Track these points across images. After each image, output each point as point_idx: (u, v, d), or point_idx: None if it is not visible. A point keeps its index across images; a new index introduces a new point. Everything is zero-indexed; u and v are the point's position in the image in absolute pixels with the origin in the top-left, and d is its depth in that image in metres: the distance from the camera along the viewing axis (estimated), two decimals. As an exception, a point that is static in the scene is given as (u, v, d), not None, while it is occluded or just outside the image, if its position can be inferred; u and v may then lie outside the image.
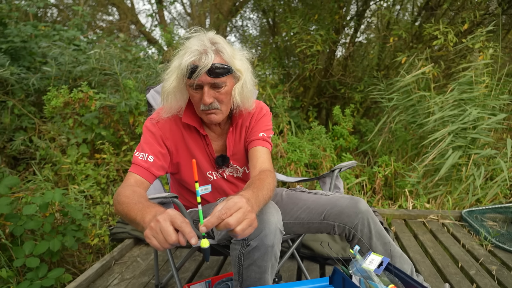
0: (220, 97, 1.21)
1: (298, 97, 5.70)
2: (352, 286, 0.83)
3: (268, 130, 1.39)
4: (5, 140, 3.24)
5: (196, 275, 1.97)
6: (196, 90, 1.20)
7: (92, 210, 2.55)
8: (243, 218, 0.86)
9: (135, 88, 3.28)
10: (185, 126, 1.34)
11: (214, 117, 1.24)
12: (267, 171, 1.21)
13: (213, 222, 0.84)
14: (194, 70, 1.14)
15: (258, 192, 1.01)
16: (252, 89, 1.29)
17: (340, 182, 1.63)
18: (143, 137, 1.31)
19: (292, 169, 3.17)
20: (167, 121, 1.32)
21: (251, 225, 0.87)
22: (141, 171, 1.23)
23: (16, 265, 1.89)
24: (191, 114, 1.32)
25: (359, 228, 1.26)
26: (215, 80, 1.17)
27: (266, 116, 1.41)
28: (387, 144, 4.20)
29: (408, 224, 2.57)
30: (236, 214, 0.85)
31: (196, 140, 1.35)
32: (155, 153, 1.27)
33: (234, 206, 0.86)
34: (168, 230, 0.82)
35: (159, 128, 1.30)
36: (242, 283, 1.13)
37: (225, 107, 1.26)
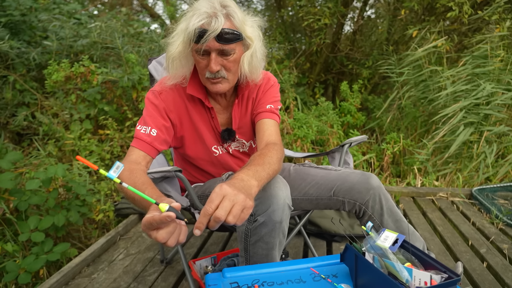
0: (227, 65, 1.14)
1: (304, 73, 5.58)
2: (366, 264, 0.78)
3: (276, 102, 1.32)
4: (8, 115, 3.20)
5: (201, 251, 1.95)
6: (203, 56, 1.12)
7: (97, 186, 2.53)
8: (232, 204, 0.78)
9: (137, 63, 3.20)
10: (189, 98, 1.27)
11: (219, 87, 1.17)
12: (270, 145, 1.14)
13: (203, 221, 0.76)
14: (202, 34, 1.05)
15: (258, 168, 0.94)
16: (261, 59, 1.21)
17: (350, 157, 1.57)
18: (146, 109, 1.24)
19: (298, 145, 3.11)
20: (170, 92, 1.26)
21: (245, 207, 0.80)
22: (144, 145, 1.18)
23: (21, 239, 1.89)
24: (196, 85, 1.25)
25: (370, 205, 1.22)
26: (224, 46, 1.09)
27: (273, 87, 1.34)
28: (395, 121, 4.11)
29: (417, 201, 2.53)
30: (223, 204, 0.77)
31: (201, 113, 1.29)
32: (159, 127, 1.21)
33: (217, 197, 0.78)
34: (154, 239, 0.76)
35: (162, 100, 1.24)
36: (249, 259, 1.09)
37: (232, 77, 1.18)
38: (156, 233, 0.73)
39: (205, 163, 1.36)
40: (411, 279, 0.72)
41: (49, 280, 1.60)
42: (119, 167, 0.69)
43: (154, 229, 0.74)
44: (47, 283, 1.58)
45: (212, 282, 0.87)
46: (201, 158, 1.35)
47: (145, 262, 1.82)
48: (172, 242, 0.76)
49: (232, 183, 0.83)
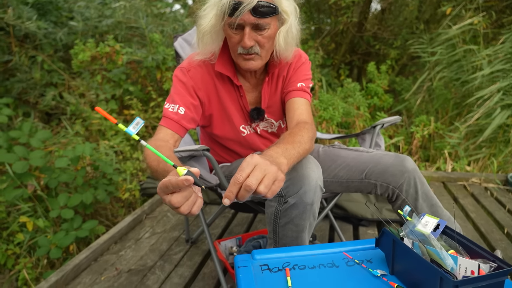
0: (261, 41, 1.08)
1: (329, 54, 5.42)
2: (405, 250, 0.74)
3: (307, 80, 1.26)
4: (37, 95, 3.27)
5: (225, 231, 1.95)
6: (236, 30, 1.07)
7: (123, 165, 2.56)
8: (263, 174, 0.73)
9: (161, 43, 3.18)
10: (217, 75, 1.23)
11: (252, 64, 1.12)
12: (301, 124, 1.09)
13: (232, 190, 0.71)
14: (237, 7, 1.00)
15: (287, 146, 0.89)
16: (297, 36, 1.15)
17: (381, 139, 1.50)
18: (174, 87, 1.21)
19: (323, 128, 3.04)
20: (199, 69, 1.22)
21: (277, 179, 0.75)
22: (171, 124, 1.15)
23: (52, 216, 1.94)
24: (225, 62, 1.20)
25: (404, 188, 1.16)
26: (259, 20, 1.03)
27: (305, 65, 1.28)
28: (424, 104, 3.95)
29: (447, 187, 2.44)
30: (254, 173, 0.72)
31: (229, 91, 1.25)
32: (187, 105, 1.18)
33: (248, 166, 0.73)
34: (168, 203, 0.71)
35: (190, 78, 1.20)
36: (278, 241, 1.07)
37: (266, 53, 1.13)
38: (170, 197, 0.69)
39: (232, 143, 1.33)
40: (456, 267, 0.67)
41: (79, 256, 1.64)
42: (139, 123, 0.65)
43: (169, 193, 0.70)
44: (77, 259, 1.62)
45: (242, 263, 0.85)
46: (229, 137, 1.32)
47: (170, 241, 1.84)
48: (185, 209, 0.71)
49: (262, 155, 0.79)
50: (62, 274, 1.51)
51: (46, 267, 1.91)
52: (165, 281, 1.52)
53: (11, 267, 1.88)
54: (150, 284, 1.50)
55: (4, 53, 3.22)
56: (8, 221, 2.03)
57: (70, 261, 1.60)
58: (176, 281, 1.51)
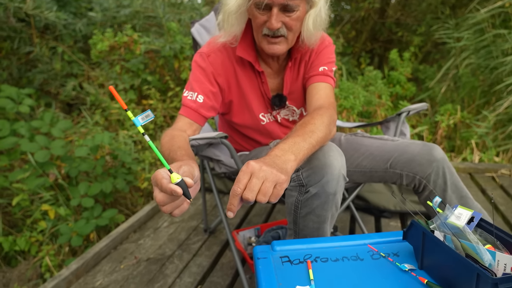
0: (289, 23, 1.03)
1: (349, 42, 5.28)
2: (437, 243, 0.69)
3: (330, 63, 1.20)
4: (58, 86, 3.31)
5: (244, 221, 1.93)
6: (263, 11, 1.02)
7: (141, 155, 2.57)
8: (261, 181, 0.70)
9: (179, 31, 3.15)
10: (238, 60, 1.19)
11: (276, 48, 1.07)
12: (316, 111, 1.02)
13: (233, 202, 0.70)
14: None
15: (296, 139, 0.84)
16: (325, 20, 1.10)
17: (407, 127, 1.43)
18: (193, 73, 1.17)
19: (344, 117, 2.97)
20: (219, 54, 1.18)
21: (277, 183, 0.72)
22: (190, 112, 1.12)
23: (73, 204, 1.96)
24: (247, 46, 1.16)
25: (432, 179, 1.10)
26: (289, 1, 0.98)
27: (328, 48, 1.22)
28: (449, 92, 3.80)
29: (474, 178, 2.34)
30: (251, 183, 0.70)
31: (250, 77, 1.21)
32: (206, 92, 1.14)
33: (244, 176, 0.71)
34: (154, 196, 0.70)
35: (210, 63, 1.16)
36: (298, 232, 1.03)
37: (292, 36, 1.08)
38: (157, 193, 0.69)
39: (251, 131, 1.30)
40: (494, 264, 0.62)
41: (99, 244, 1.65)
42: (149, 116, 0.62)
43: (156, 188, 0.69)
44: (97, 246, 1.63)
45: (262, 255, 0.82)
46: (248, 125, 1.28)
47: (189, 231, 1.83)
48: (167, 209, 0.71)
49: (262, 159, 0.76)
50: (83, 261, 1.52)
51: (68, 255, 1.94)
52: (183, 270, 1.51)
53: (35, 254, 1.92)
54: (169, 273, 1.50)
55: (25, 45, 3.27)
56: (32, 209, 2.07)
57: (91, 249, 1.62)
58: (194, 271, 1.50)
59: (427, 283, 0.69)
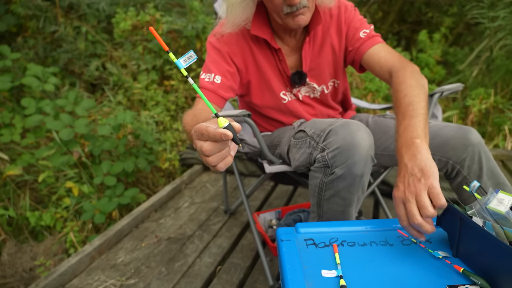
0: None
1: (375, 24, 5.08)
2: (476, 230, 0.64)
3: (365, 24, 1.15)
4: (82, 66, 3.34)
5: (265, 204, 1.91)
6: None
7: (163, 135, 2.58)
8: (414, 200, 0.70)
9: (201, 11, 3.10)
10: (253, 39, 1.15)
11: (302, 18, 1.02)
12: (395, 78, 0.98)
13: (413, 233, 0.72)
14: None
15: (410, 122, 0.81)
16: None
17: (439, 109, 1.36)
18: (208, 55, 1.15)
19: (369, 100, 2.87)
20: (233, 34, 1.14)
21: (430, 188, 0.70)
22: (208, 94, 1.10)
23: (96, 182, 1.99)
24: (261, 24, 1.12)
25: (466, 164, 1.03)
26: None
27: (355, 11, 1.17)
28: (481, 76, 3.62)
29: (507, 166, 2.23)
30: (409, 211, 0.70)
31: (267, 56, 1.17)
32: (223, 73, 1.12)
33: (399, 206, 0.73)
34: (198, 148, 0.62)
35: (224, 43, 1.13)
36: (322, 215, 0.99)
37: (312, 3, 1.03)
38: (203, 143, 0.61)
39: (273, 111, 1.26)
40: (541, 254, 0.57)
41: (121, 222, 1.67)
42: (192, 57, 0.58)
43: (203, 140, 0.62)
44: (119, 224, 1.65)
45: (285, 237, 0.79)
46: (269, 106, 1.24)
47: (209, 212, 1.83)
48: (214, 160, 0.63)
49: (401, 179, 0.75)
50: (105, 238, 1.54)
51: (91, 231, 1.98)
52: (203, 251, 1.51)
53: (60, 230, 1.97)
54: (189, 252, 1.50)
55: (50, 24, 3.30)
56: (57, 186, 2.12)
57: (113, 227, 1.64)
58: (214, 251, 1.50)
59: (463, 272, 0.65)
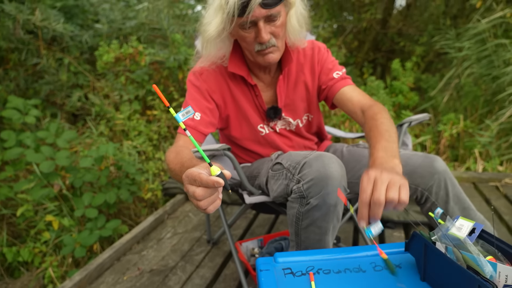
0: (276, 31, 1.06)
1: (352, 52, 5.32)
2: (439, 255, 0.69)
3: (338, 66, 1.25)
4: (63, 97, 3.35)
5: (247, 232, 1.93)
6: (249, 29, 1.05)
7: (145, 165, 2.59)
8: (385, 185, 0.75)
9: (183, 43, 3.19)
10: (231, 76, 1.22)
11: (272, 57, 1.10)
12: (369, 112, 1.07)
13: (363, 211, 0.76)
14: (246, 4, 0.97)
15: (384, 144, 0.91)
16: (306, 17, 1.14)
17: (409, 138, 1.44)
18: (188, 93, 1.22)
19: (346, 127, 2.98)
20: (212, 72, 1.21)
21: (401, 185, 0.75)
22: (189, 130, 1.14)
23: (76, 215, 1.97)
24: (238, 62, 1.19)
25: (434, 191, 1.10)
26: (271, 11, 1.01)
27: (328, 53, 1.27)
28: (452, 102, 3.81)
29: (478, 188, 2.33)
30: (377, 188, 0.75)
31: (244, 91, 1.23)
32: (202, 109, 1.18)
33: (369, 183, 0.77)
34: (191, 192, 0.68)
35: (203, 81, 1.20)
36: (300, 244, 1.03)
37: (281, 43, 1.12)
38: (195, 188, 0.66)
39: (251, 143, 1.31)
40: (495, 275, 0.62)
41: (102, 255, 1.66)
42: (189, 112, 0.65)
43: (195, 185, 0.68)
44: (101, 258, 1.63)
45: (264, 267, 0.82)
46: (247, 138, 1.30)
47: (192, 242, 1.83)
48: (205, 204, 0.68)
49: (375, 167, 0.82)
50: (86, 273, 1.53)
51: (71, 266, 1.95)
52: (186, 282, 1.51)
53: (38, 265, 1.92)
54: (172, 284, 1.50)
55: (33, 56, 3.32)
56: (36, 219, 2.08)
57: (94, 260, 1.62)
58: (197, 282, 1.50)
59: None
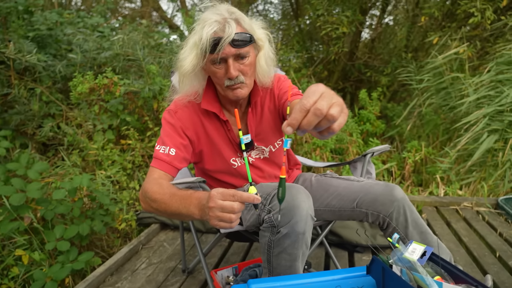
0: (244, 69, 1.15)
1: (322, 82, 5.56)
2: (394, 277, 0.77)
3: (295, 88, 1.31)
4: (35, 127, 3.31)
5: (222, 260, 1.96)
6: (220, 65, 1.13)
7: (119, 195, 2.58)
8: (330, 102, 0.69)
9: (158, 74, 3.27)
10: (204, 113, 1.29)
11: (240, 92, 1.18)
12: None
13: (297, 117, 0.70)
14: (218, 42, 1.07)
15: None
16: (274, 60, 1.24)
17: (372, 167, 1.55)
18: (163, 129, 1.27)
19: (317, 154, 3.10)
20: (186, 110, 1.28)
21: (343, 110, 0.72)
22: (163, 165, 1.20)
23: (47, 248, 1.93)
24: (210, 99, 1.27)
25: (394, 217, 1.20)
26: (240, 50, 1.10)
27: (286, 81, 1.35)
28: (415, 129, 4.05)
29: (440, 211, 2.47)
30: (322, 99, 0.69)
31: (217, 127, 1.31)
32: (177, 145, 1.23)
33: (315, 93, 0.70)
34: (229, 206, 0.87)
35: (178, 119, 1.26)
36: (272, 271, 1.09)
37: (249, 80, 1.20)
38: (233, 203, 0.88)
39: (225, 176, 1.37)
40: (441, 294, 0.71)
41: (75, 289, 1.63)
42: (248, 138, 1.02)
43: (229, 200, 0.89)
44: (73, 291, 1.61)
45: (238, 293, 0.87)
46: (221, 171, 1.36)
47: (167, 272, 1.84)
48: (237, 217, 0.89)
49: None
50: (58, 307, 1.50)
51: (41, 301, 1.89)
52: (161, 313, 1.51)
53: (5, 302, 1.86)
54: (147, 316, 1.50)
55: (3, 86, 3.29)
56: (3, 254, 2.02)
57: (66, 294, 1.60)
58: (172, 313, 1.51)
59: (386, 315, 0.77)
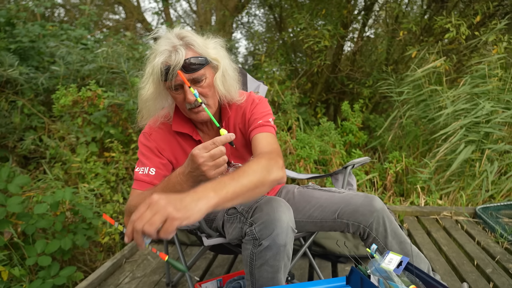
0: (203, 92, 1.16)
1: (306, 93, 5.66)
2: (371, 286, 0.80)
3: (266, 116, 1.29)
4: (16, 139, 3.26)
5: (207, 273, 1.95)
6: (178, 91, 1.15)
7: (102, 208, 2.55)
8: (153, 214, 0.76)
9: (143, 86, 3.27)
10: (179, 133, 1.30)
11: (203, 114, 1.18)
12: (256, 156, 1.10)
13: (128, 229, 0.78)
14: (168, 70, 1.09)
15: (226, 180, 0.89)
16: (235, 76, 1.24)
17: (353, 179, 1.60)
18: (140, 152, 1.28)
19: (301, 166, 3.14)
20: (160, 131, 1.29)
21: (168, 218, 0.76)
22: (144, 185, 1.20)
23: (28, 263, 1.90)
24: (181, 120, 1.28)
25: (374, 227, 1.23)
26: (193, 75, 1.12)
27: (260, 104, 1.32)
28: (397, 140, 4.14)
29: (421, 221, 2.53)
30: (145, 214, 0.77)
31: (192, 146, 1.30)
32: (156, 165, 1.24)
33: (143, 205, 0.79)
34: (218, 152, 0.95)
35: (153, 140, 1.27)
36: (255, 283, 1.11)
37: (212, 101, 1.20)
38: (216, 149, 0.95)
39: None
40: (415, 302, 0.74)
41: (56, 305, 1.61)
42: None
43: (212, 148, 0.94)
44: (54, 308, 1.58)
45: (220, 306, 0.88)
46: None
47: (151, 286, 1.82)
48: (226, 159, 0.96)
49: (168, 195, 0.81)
50: (38, 325, 1.47)
51: (20, 319, 1.85)
52: (145, 328, 1.50)
53: (-17, 320, 1.81)
54: (130, 331, 1.48)
55: (-17, 99, 3.24)
56: (-18, 271, 1.97)
57: (47, 311, 1.57)
58: (156, 328, 1.50)
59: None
